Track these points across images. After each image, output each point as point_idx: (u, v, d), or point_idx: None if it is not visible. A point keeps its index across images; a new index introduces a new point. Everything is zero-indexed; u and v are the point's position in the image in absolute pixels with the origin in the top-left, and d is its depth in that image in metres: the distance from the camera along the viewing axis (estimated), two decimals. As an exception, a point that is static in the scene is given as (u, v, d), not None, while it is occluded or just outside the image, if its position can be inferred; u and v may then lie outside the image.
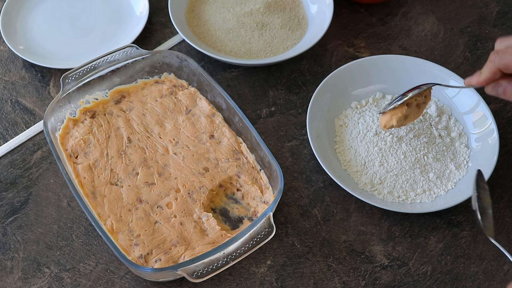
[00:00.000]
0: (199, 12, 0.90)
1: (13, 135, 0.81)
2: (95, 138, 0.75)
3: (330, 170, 0.72)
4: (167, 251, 0.67)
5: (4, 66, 0.88)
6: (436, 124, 0.78)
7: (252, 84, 0.85)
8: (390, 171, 0.74)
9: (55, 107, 0.75)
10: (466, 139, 0.77)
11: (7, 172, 0.77)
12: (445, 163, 0.75)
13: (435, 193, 0.73)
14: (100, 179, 0.72)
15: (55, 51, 0.88)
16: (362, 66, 0.81)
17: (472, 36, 0.91)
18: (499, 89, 0.64)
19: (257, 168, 0.73)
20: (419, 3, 0.96)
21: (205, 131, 0.76)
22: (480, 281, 0.69)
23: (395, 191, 0.73)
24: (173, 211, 0.70)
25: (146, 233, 0.68)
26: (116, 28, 0.91)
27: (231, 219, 0.72)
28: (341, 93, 0.80)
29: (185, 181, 0.72)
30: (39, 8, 0.94)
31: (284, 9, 0.90)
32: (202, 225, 0.69)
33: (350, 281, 0.69)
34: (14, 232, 0.72)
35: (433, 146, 0.76)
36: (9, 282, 0.68)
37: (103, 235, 0.63)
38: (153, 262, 0.66)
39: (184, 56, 0.78)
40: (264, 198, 0.71)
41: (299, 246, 0.71)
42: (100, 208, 0.70)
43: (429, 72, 0.81)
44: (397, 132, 0.76)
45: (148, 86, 0.81)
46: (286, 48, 0.87)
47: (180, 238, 0.68)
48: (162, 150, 0.75)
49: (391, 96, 0.81)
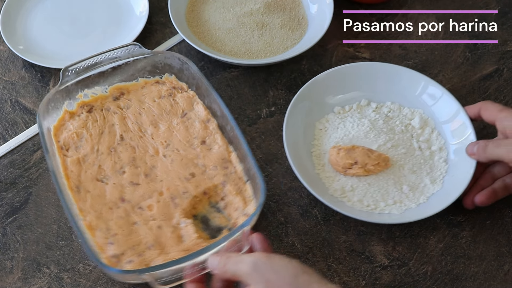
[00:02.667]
0: (199, 12, 0.90)
1: (13, 135, 0.81)
2: (88, 133, 0.75)
3: (301, 173, 0.70)
4: (141, 253, 0.66)
5: (4, 66, 0.88)
6: (418, 136, 0.76)
7: (252, 84, 0.85)
8: (363, 180, 0.72)
9: (52, 99, 0.75)
10: (446, 154, 0.75)
11: (7, 172, 0.77)
12: (421, 176, 0.73)
13: (406, 205, 0.71)
14: (87, 174, 0.72)
15: (55, 51, 0.88)
16: (341, 73, 0.80)
17: (472, 36, 0.91)
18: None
19: (244, 179, 0.71)
20: (419, 3, 0.96)
21: (197, 136, 0.75)
22: (480, 281, 0.69)
23: (365, 199, 0.71)
24: (153, 213, 0.69)
25: (123, 233, 0.67)
26: (116, 28, 0.91)
27: (211, 228, 0.70)
28: (323, 97, 0.79)
29: (170, 184, 0.71)
30: (39, 8, 0.93)
31: (284, 9, 0.90)
32: (180, 231, 0.68)
33: (350, 281, 0.69)
34: (14, 232, 0.72)
35: (411, 158, 0.74)
36: (9, 282, 0.68)
37: (77, 230, 0.63)
38: (125, 263, 0.65)
39: (185, 59, 0.78)
40: (246, 210, 0.69)
41: (299, 246, 0.71)
42: (82, 203, 0.69)
43: (411, 79, 0.79)
44: (376, 140, 0.75)
45: (149, 85, 0.81)
46: (286, 48, 0.87)
47: (155, 241, 0.67)
48: (153, 151, 0.75)
49: (376, 104, 0.79)
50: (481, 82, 0.86)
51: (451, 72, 0.87)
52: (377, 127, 0.76)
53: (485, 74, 0.87)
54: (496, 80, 0.86)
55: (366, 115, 0.79)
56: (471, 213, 0.73)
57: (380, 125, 0.76)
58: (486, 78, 0.87)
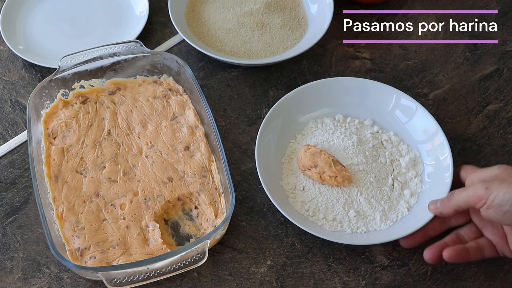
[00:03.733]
0: (199, 12, 0.90)
1: (13, 135, 0.81)
2: (77, 124, 0.76)
3: (266, 183, 0.70)
4: (105, 250, 0.66)
5: (4, 66, 0.88)
6: (398, 174, 0.73)
7: (252, 84, 0.85)
8: (317, 186, 0.72)
9: (47, 86, 0.75)
10: (414, 201, 0.72)
11: (7, 172, 0.77)
12: (374, 210, 0.71)
13: (342, 228, 0.69)
14: (68, 164, 0.73)
15: (55, 51, 0.88)
16: (313, 90, 0.79)
17: (472, 36, 0.91)
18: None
19: (220, 191, 0.71)
20: (419, 3, 0.96)
21: (182, 141, 0.75)
22: (480, 281, 0.69)
23: (308, 204, 0.71)
24: (124, 212, 0.70)
25: (91, 228, 0.68)
26: (116, 28, 0.91)
27: (180, 235, 0.71)
28: (296, 114, 0.78)
29: (146, 186, 0.72)
30: (39, 8, 0.93)
31: (284, 9, 0.90)
32: (147, 234, 0.68)
33: (350, 281, 0.69)
34: (14, 232, 0.72)
35: (376, 189, 0.72)
36: (9, 282, 0.68)
37: (43, 221, 0.64)
38: (87, 258, 0.66)
39: (183, 63, 0.78)
40: (216, 222, 0.69)
41: (299, 246, 0.71)
42: (58, 193, 0.70)
43: (385, 94, 0.78)
44: (351, 158, 0.73)
45: (146, 84, 0.81)
46: (286, 48, 0.87)
47: (121, 241, 0.67)
48: (136, 150, 0.75)
49: (379, 129, 0.78)
50: (481, 82, 0.86)
51: (451, 72, 0.87)
52: (362, 147, 0.74)
53: (485, 74, 0.87)
54: (496, 80, 0.86)
55: (361, 132, 0.77)
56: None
57: (367, 147, 0.75)
58: (486, 78, 0.87)
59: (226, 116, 0.82)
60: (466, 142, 0.80)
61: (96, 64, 0.78)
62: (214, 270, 0.69)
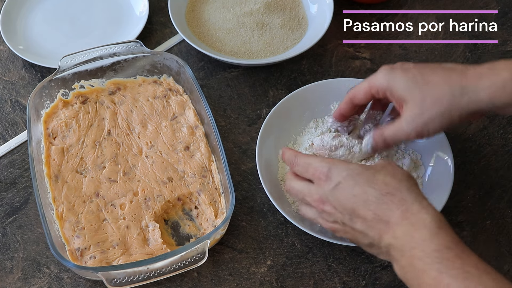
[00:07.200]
0: (199, 12, 0.90)
1: (13, 135, 0.81)
2: (77, 124, 0.76)
3: (266, 183, 0.70)
4: (105, 250, 0.67)
5: (4, 66, 0.88)
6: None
7: (252, 84, 0.85)
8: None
9: (47, 85, 0.76)
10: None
11: (7, 172, 0.77)
12: None
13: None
14: (68, 164, 0.73)
15: (55, 51, 0.88)
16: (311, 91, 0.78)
17: (472, 36, 0.91)
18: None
19: (220, 191, 0.71)
20: (419, 3, 0.96)
21: (182, 141, 0.75)
22: (480, 281, 0.69)
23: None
24: (124, 212, 0.70)
25: (91, 227, 0.68)
26: (116, 28, 0.91)
27: (180, 235, 0.71)
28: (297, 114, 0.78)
29: (146, 186, 0.72)
30: (39, 8, 0.93)
31: (284, 9, 0.90)
32: (147, 234, 0.69)
33: (350, 281, 0.69)
34: (14, 232, 0.72)
35: None
36: (9, 282, 0.68)
37: (43, 221, 0.64)
38: (87, 258, 0.66)
39: (183, 63, 0.78)
40: (216, 222, 0.69)
41: (299, 246, 0.71)
42: (58, 193, 0.70)
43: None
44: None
45: (146, 84, 0.81)
46: (286, 48, 0.87)
47: (121, 241, 0.67)
48: (136, 150, 0.75)
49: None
50: (481, 82, 0.86)
51: (451, 72, 0.87)
52: (361, 156, 0.72)
53: (485, 74, 0.87)
54: (496, 80, 0.86)
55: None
56: (471, 213, 0.73)
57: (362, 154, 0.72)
58: (486, 78, 0.87)
59: (226, 116, 0.82)
60: (466, 142, 0.80)
61: (96, 64, 0.78)
62: (214, 270, 0.69)
